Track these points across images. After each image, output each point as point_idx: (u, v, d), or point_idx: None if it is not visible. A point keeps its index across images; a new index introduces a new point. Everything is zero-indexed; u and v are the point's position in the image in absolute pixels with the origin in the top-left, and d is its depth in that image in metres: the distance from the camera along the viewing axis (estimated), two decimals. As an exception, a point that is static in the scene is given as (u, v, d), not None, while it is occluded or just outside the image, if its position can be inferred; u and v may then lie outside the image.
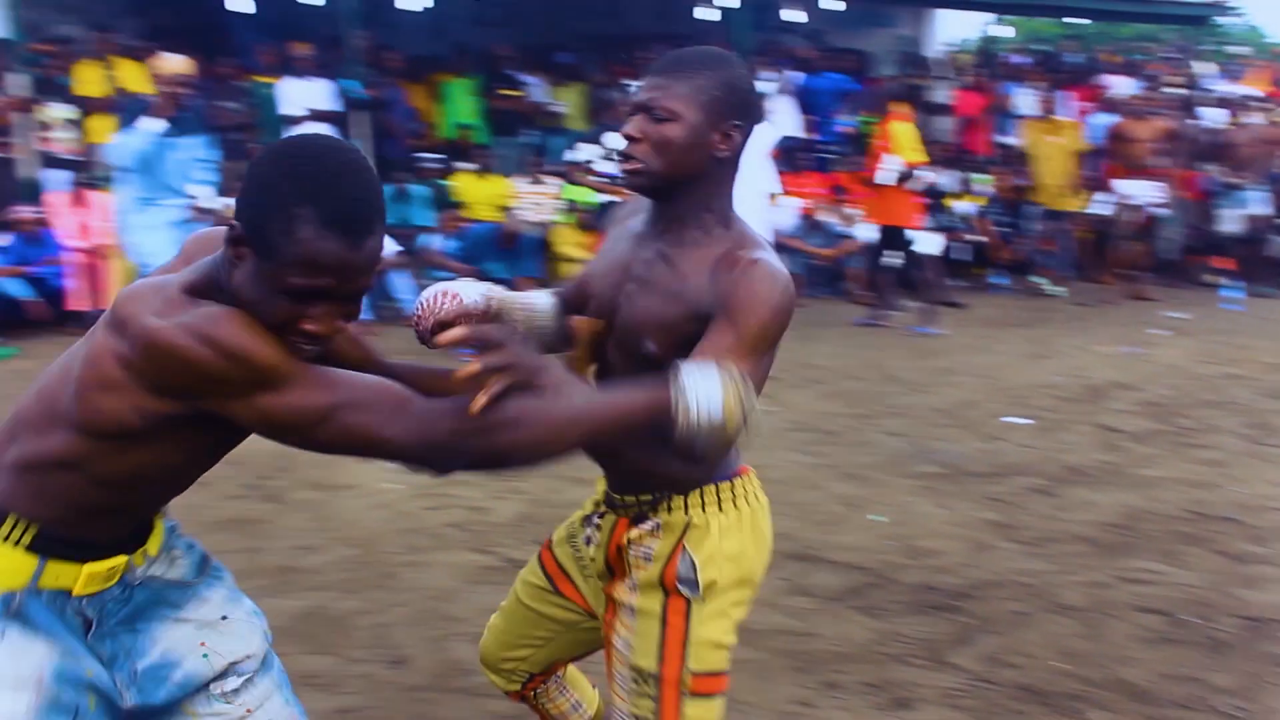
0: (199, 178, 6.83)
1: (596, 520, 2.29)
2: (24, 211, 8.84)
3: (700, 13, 12.01)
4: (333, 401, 1.70)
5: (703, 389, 1.79)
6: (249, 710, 2.04)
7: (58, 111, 9.39)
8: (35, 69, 9.59)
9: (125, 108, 6.81)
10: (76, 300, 8.85)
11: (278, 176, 1.66)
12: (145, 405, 1.69)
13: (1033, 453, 5.88)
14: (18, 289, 8.67)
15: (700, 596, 2.08)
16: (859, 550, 4.55)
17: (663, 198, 2.07)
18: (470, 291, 2.18)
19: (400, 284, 9.19)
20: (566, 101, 11.75)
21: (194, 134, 6.73)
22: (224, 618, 2.06)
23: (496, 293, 2.22)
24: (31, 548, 1.80)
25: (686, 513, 2.11)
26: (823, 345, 8.45)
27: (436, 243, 9.53)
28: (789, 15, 12.72)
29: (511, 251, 9.49)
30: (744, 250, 1.99)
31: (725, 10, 11.82)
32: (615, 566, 2.23)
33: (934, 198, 9.96)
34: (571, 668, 2.62)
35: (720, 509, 2.12)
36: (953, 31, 15.88)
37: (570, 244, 9.61)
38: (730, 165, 2.07)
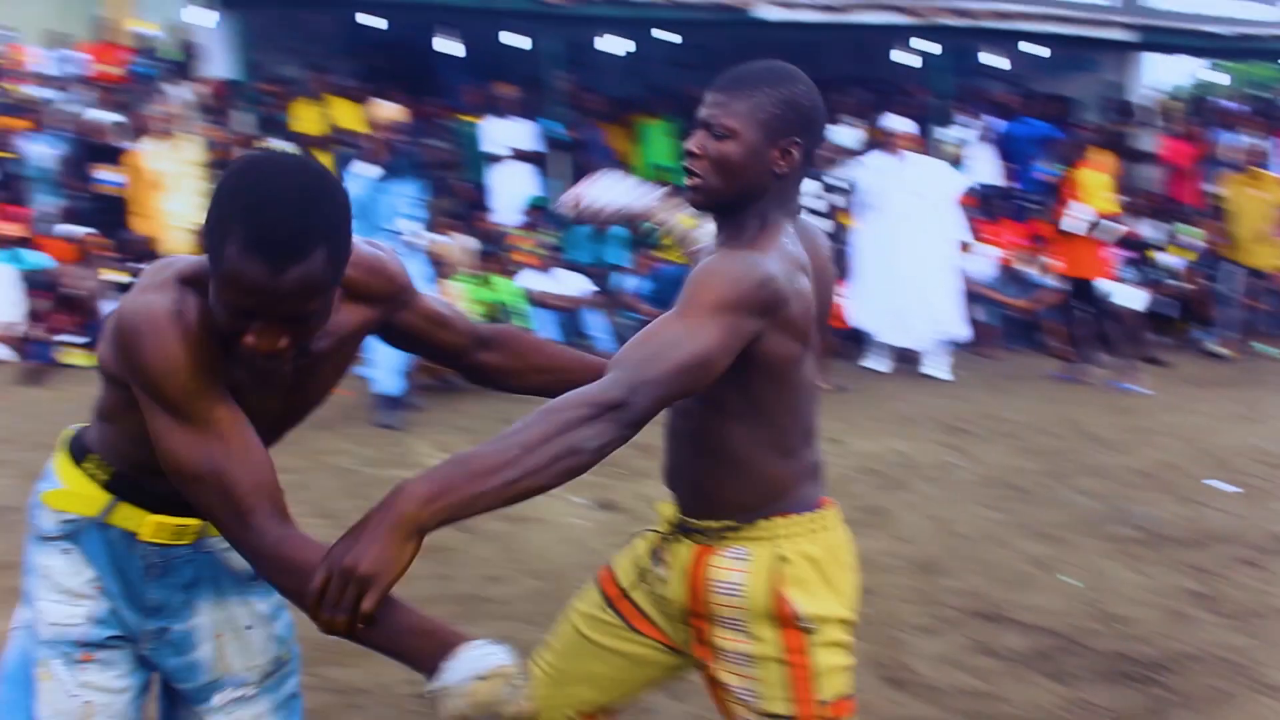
0: (408, 215, 7.12)
1: (664, 555, 2.18)
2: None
3: (898, 56, 11.93)
4: (207, 470, 1.71)
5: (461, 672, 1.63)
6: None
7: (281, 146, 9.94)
8: (259, 107, 10.15)
9: (342, 154, 7.15)
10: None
11: (224, 191, 1.66)
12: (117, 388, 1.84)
13: (1238, 520, 5.60)
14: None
15: (815, 628, 2.01)
16: (1048, 612, 4.42)
17: (723, 213, 2.06)
18: (637, 196, 2.25)
19: (594, 322, 9.34)
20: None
21: (405, 178, 7.01)
22: (249, 628, 2.10)
23: (660, 210, 2.27)
24: (107, 487, 1.95)
25: (775, 544, 2.04)
26: (1016, 398, 8.25)
27: (630, 283, 9.68)
28: (989, 60, 12.51)
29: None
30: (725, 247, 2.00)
31: (925, 55, 11.72)
32: (700, 602, 2.10)
33: (1137, 249, 9.63)
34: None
35: (809, 539, 2.05)
36: (1161, 76, 15.33)
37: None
38: (791, 182, 2.05)
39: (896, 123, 8.94)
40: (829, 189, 8.76)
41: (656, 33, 11.75)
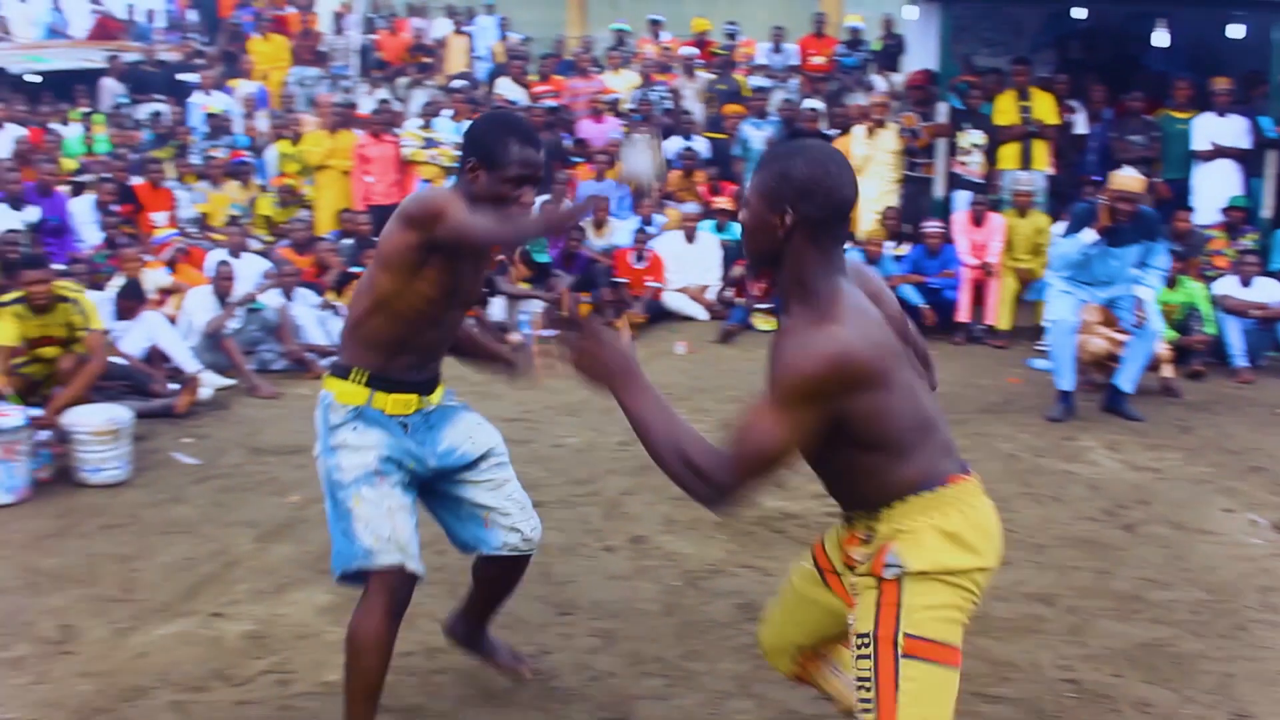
0: (1145, 280, 7.03)
1: (842, 530, 2.60)
2: (931, 227, 9.69)
3: None
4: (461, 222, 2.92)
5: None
6: (497, 482, 3.31)
7: (971, 138, 10.13)
8: (960, 98, 10.40)
9: (1074, 214, 7.18)
10: (963, 312, 9.51)
11: (481, 125, 3.21)
12: (409, 239, 2.97)
13: None
14: (912, 296, 9.53)
15: (907, 572, 2.33)
16: None
17: (766, 277, 2.41)
18: None
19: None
20: None
21: (1131, 244, 6.92)
22: (477, 424, 3.33)
23: None
24: (366, 385, 3.11)
25: (893, 523, 2.38)
26: None
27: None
28: None
29: None
30: (798, 321, 2.28)
31: None
32: (848, 567, 2.55)
33: None
34: (846, 653, 2.68)
35: (924, 514, 2.35)
36: None
37: None
38: (802, 246, 2.31)
39: None
40: None
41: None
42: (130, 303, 7.70)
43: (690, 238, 10.43)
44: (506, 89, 12.78)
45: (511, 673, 3.60)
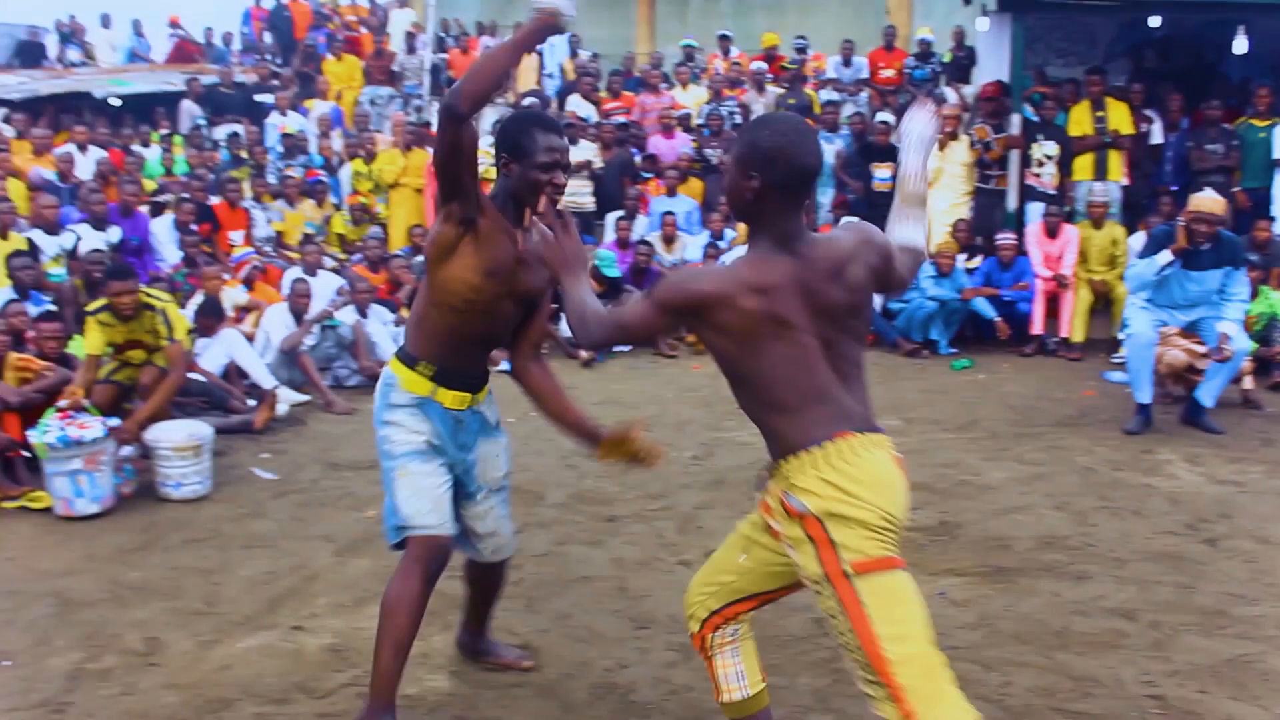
0: (1227, 312, 6.92)
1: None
2: (1004, 239, 9.60)
3: None
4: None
5: None
6: (487, 508, 3.57)
7: (1045, 149, 10.03)
8: (1033, 109, 10.30)
9: (1153, 236, 7.10)
10: (1037, 324, 9.41)
11: (511, 123, 3.36)
12: (438, 222, 3.27)
13: None
14: (986, 308, 9.44)
15: (813, 512, 2.59)
16: None
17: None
18: None
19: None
20: None
21: (1211, 268, 6.82)
22: (496, 455, 3.57)
23: None
24: (431, 379, 3.38)
25: (789, 476, 2.65)
26: None
27: None
28: None
29: None
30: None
31: None
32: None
33: None
34: (750, 641, 3.11)
35: (812, 468, 2.61)
36: None
37: None
38: (768, 207, 2.65)
39: None
40: None
41: None
42: (209, 320, 7.84)
43: (760, 252, 10.39)
44: (577, 105, 12.87)
45: (515, 668, 3.85)
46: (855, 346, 2.73)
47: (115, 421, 5.87)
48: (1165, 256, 6.70)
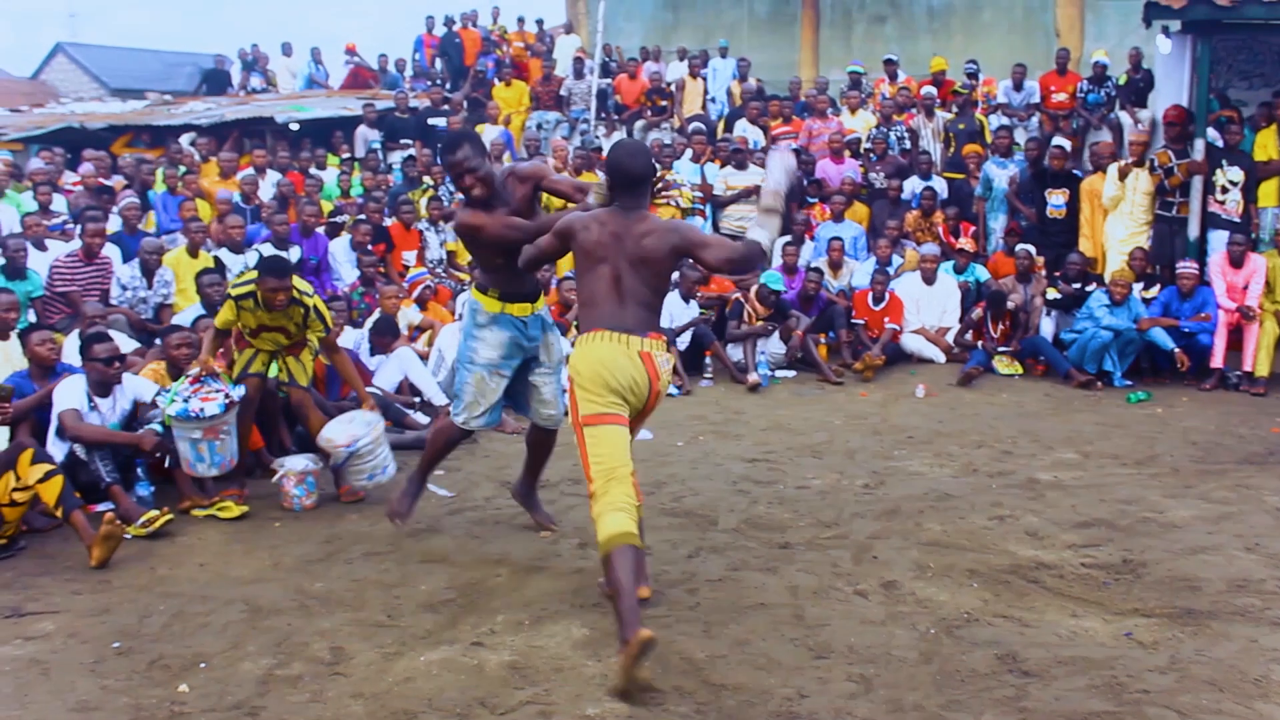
0: None
1: None
2: (1186, 268, 9.27)
3: None
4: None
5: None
6: (543, 382, 5.39)
7: (1228, 174, 9.64)
8: (1217, 132, 9.92)
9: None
10: (1218, 357, 9.05)
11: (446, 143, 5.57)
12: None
13: None
14: (1164, 339, 9.12)
15: (570, 377, 4.32)
16: None
17: None
18: None
19: None
20: None
21: None
22: (553, 344, 5.39)
23: None
24: (499, 299, 5.16)
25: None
26: None
27: None
28: None
29: None
30: None
31: None
32: None
33: None
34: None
35: (575, 347, 4.28)
36: None
37: None
38: (616, 193, 4.35)
39: None
40: None
41: None
42: (384, 338, 8.07)
43: (929, 279, 10.28)
44: (745, 130, 12.89)
45: (543, 527, 5.58)
46: (641, 285, 4.19)
47: (239, 393, 6.09)
48: None
